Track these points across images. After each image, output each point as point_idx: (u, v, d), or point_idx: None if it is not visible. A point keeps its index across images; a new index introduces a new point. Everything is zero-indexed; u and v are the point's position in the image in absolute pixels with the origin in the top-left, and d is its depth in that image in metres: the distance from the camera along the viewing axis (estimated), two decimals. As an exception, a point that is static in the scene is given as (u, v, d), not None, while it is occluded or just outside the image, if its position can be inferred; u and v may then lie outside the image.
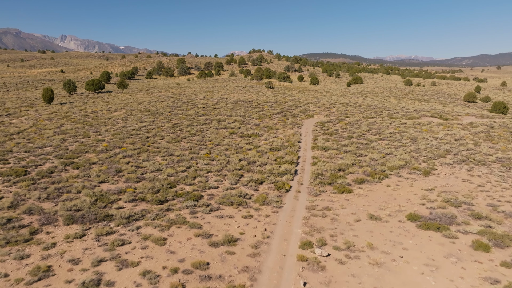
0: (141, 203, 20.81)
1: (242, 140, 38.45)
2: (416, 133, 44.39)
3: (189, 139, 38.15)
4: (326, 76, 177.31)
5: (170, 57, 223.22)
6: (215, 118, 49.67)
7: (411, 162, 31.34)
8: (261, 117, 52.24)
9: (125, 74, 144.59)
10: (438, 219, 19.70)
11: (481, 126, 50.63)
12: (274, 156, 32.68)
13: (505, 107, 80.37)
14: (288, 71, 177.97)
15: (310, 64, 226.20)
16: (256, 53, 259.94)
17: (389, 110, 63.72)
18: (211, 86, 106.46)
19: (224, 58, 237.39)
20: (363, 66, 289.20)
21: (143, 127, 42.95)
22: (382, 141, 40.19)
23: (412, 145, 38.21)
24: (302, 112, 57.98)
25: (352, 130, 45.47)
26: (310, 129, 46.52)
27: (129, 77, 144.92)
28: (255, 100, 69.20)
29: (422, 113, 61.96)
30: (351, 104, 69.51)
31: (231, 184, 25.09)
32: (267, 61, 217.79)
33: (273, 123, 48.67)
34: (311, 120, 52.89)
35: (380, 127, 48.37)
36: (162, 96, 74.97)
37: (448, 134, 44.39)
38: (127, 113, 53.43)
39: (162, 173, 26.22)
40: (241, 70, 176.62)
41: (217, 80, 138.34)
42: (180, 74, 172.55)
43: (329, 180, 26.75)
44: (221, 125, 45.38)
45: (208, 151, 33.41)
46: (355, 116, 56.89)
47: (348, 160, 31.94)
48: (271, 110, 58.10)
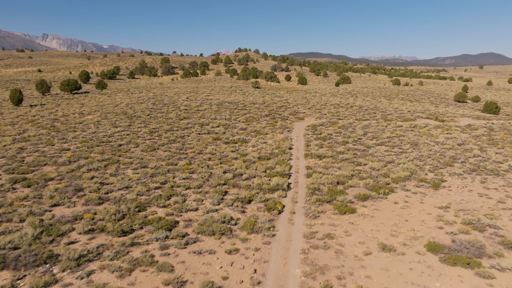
0: (100, 235, 16.66)
1: (227, 147, 34.48)
2: (415, 137, 41.21)
3: (167, 146, 33.95)
4: (314, 75, 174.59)
5: (153, 56, 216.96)
6: (198, 122, 45.51)
7: (417, 173, 27.94)
8: (248, 120, 48.33)
9: (105, 74, 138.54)
10: (465, 249, 16.19)
11: (481, 128, 47.95)
12: (263, 166, 28.82)
13: (496, 107, 78.59)
14: (275, 71, 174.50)
15: (297, 64, 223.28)
16: (242, 52, 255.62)
17: (382, 112, 60.69)
18: (196, 86, 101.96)
19: (210, 58, 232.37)
20: (350, 65, 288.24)
21: (116, 133, 38.49)
22: (381, 147, 36.82)
23: (414, 151, 34.93)
24: (292, 114, 54.32)
25: (347, 134, 42.00)
26: (301, 134, 42.85)
27: (110, 77, 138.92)
28: (241, 101, 65.24)
29: (417, 114, 59.14)
30: (342, 105, 66.25)
31: (214, 204, 21.11)
32: (254, 61, 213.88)
33: (261, 127, 44.83)
34: (301, 123, 49.25)
35: (376, 130, 45.08)
36: (142, 97, 70.29)
37: (449, 138, 41.40)
38: (102, 116, 48.75)
39: (131, 192, 22.03)
40: (227, 69, 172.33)
41: (202, 80, 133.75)
42: (164, 74, 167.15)
43: (328, 196, 23.05)
44: (204, 130, 41.29)
45: (188, 162, 29.31)
46: (348, 118, 53.54)
47: (347, 170, 28.33)
48: (258, 112, 54.27)
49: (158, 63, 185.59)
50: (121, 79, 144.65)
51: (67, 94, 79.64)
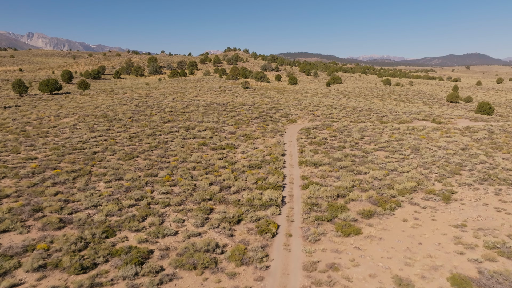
0: (52, 273, 13.49)
1: (214, 154, 31.41)
2: (415, 141, 38.78)
3: (147, 154, 30.71)
4: (304, 75, 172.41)
5: (141, 56, 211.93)
6: (183, 125, 42.28)
7: (423, 183, 25.33)
8: (238, 123, 45.31)
9: (90, 73, 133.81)
10: (497, 285, 13.51)
11: (481, 131, 45.87)
12: (254, 177, 25.85)
13: (490, 108, 77.14)
14: (265, 71, 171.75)
15: (287, 63, 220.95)
16: (232, 51, 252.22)
17: (377, 113, 58.33)
18: (183, 86, 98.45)
19: (199, 57, 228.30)
20: (340, 65, 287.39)
21: (92, 139, 35.06)
22: (380, 152, 34.22)
23: (416, 157, 32.42)
24: (284, 117, 51.48)
25: (343, 138, 39.33)
26: (294, 138, 40.03)
27: (95, 77, 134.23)
28: (230, 103, 62.16)
29: (413, 116, 56.95)
30: (335, 106, 63.72)
31: (197, 226, 18.07)
32: (243, 60, 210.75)
33: (251, 131, 41.86)
34: (294, 126, 46.44)
35: (373, 134, 42.55)
36: (126, 98, 66.62)
37: (450, 142, 39.08)
38: (79, 119, 45.15)
39: (100, 211, 18.83)
40: (216, 69, 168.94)
41: (190, 80, 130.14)
42: (151, 74, 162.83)
43: (328, 213, 20.23)
44: (189, 134, 38.11)
45: (170, 172, 26.16)
46: (342, 120, 50.96)
47: (346, 181, 25.57)
48: (248, 115, 51.28)
49: (145, 63, 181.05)
50: (106, 79, 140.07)
51: (47, 94, 75.42)
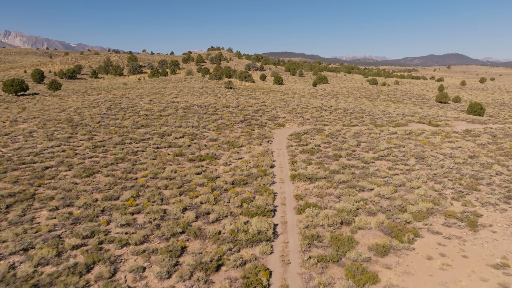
0: None
1: (192, 168, 26.70)
2: (417, 148, 35.01)
3: (111, 168, 25.74)
4: (289, 75, 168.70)
5: (120, 55, 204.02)
6: (158, 132, 37.33)
7: (440, 202, 21.33)
8: (220, 128, 40.66)
9: (64, 73, 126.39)
10: None
11: (482, 135, 42.63)
12: (238, 197, 21.32)
13: (481, 108, 75.02)
14: (249, 70, 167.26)
15: (272, 63, 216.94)
16: (215, 50, 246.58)
17: (370, 115, 54.65)
18: (163, 86, 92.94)
19: (181, 56, 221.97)
20: (325, 65, 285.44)
21: (48, 149, 29.80)
22: (381, 162, 30.20)
23: (423, 167, 28.53)
24: (271, 120, 47.08)
25: (338, 145, 35.21)
26: (283, 145, 35.68)
27: (70, 77, 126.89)
28: (212, 104, 57.38)
29: (407, 118, 53.51)
30: (325, 108, 59.76)
31: (161, 277, 13.42)
32: (227, 59, 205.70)
33: (235, 137, 37.28)
34: (282, 131, 42.10)
35: (370, 139, 38.63)
36: (99, 100, 60.96)
37: (454, 148, 35.51)
38: (39, 125, 39.60)
39: (30, 259, 13.95)
40: (198, 68, 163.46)
41: (172, 79, 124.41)
42: (130, 73, 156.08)
43: (333, 250, 15.91)
44: (164, 142, 33.24)
45: (136, 193, 21.35)
46: (334, 124, 46.94)
47: (349, 201, 21.34)
48: (232, 118, 46.66)
49: (125, 62, 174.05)
50: (82, 78, 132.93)
51: (11, 96, 68.88)
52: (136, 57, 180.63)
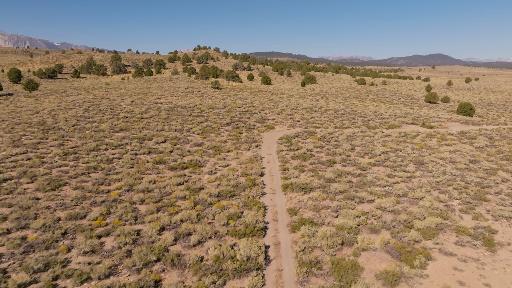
0: None
1: (173, 177, 24.03)
2: (414, 152, 33.05)
3: (82, 179, 22.86)
4: (277, 75, 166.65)
5: (104, 54, 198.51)
6: (138, 136, 34.43)
7: (449, 216, 19.22)
8: (205, 132, 38.01)
9: (44, 72, 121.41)
10: None
11: (478, 137, 41.09)
12: (224, 213, 18.80)
13: (471, 109, 74.38)
14: (236, 70, 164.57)
15: (259, 62, 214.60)
16: (202, 50, 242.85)
17: (362, 117, 52.77)
18: (147, 86, 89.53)
19: (167, 56, 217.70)
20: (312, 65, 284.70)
21: (11, 157, 26.65)
22: (379, 169, 28.08)
23: (424, 174, 26.51)
24: (259, 122, 44.63)
25: (331, 150, 33.00)
26: (273, 149, 33.27)
27: (50, 76, 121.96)
28: (198, 106, 54.61)
29: (400, 119, 51.81)
30: (315, 109, 57.64)
31: (127, 325, 10.81)
32: (214, 59, 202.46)
33: (221, 141, 34.70)
34: (272, 134, 39.71)
35: (364, 142, 36.57)
36: (77, 101, 57.49)
37: (452, 152, 33.73)
38: (6, 129, 36.22)
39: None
40: (184, 68, 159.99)
41: (156, 79, 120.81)
42: (114, 73, 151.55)
43: (336, 281, 13.53)
44: (144, 148, 30.42)
45: (106, 210, 18.59)
46: (325, 126, 44.79)
47: (349, 216, 19.03)
48: (218, 120, 44.03)
49: (109, 61, 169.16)
50: (63, 78, 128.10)
51: (-18, 97, 64.70)
52: (120, 57, 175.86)
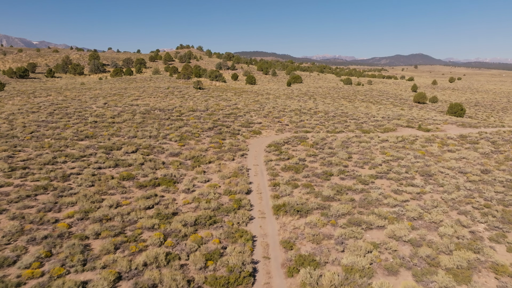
0: None
1: (141, 198, 19.81)
2: (418, 161, 29.66)
3: (24, 205, 18.32)
4: (262, 74, 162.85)
5: (81, 52, 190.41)
6: (105, 145, 29.91)
7: (478, 248, 15.69)
8: (184, 138, 33.77)
9: (14, 71, 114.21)
10: None
11: (480, 141, 38.25)
12: (202, 251, 14.74)
13: (461, 109, 72.51)
14: (220, 69, 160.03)
15: (243, 62, 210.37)
16: (185, 49, 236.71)
17: (354, 119, 49.43)
18: (125, 87, 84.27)
19: (148, 54, 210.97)
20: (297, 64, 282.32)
21: None
22: (383, 182, 24.51)
23: (435, 188, 23.07)
24: (245, 126, 40.64)
25: (326, 159, 29.30)
26: (261, 159, 29.34)
27: (21, 76, 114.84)
28: (177, 108, 50.19)
29: (394, 122, 48.71)
30: (304, 111, 54.02)
31: None
32: (197, 58, 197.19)
33: (201, 150, 30.54)
34: (259, 140, 35.77)
35: (361, 149, 33.06)
36: (44, 103, 52.18)
37: (458, 159, 30.55)
38: (-49, 137, 31.09)
39: None
40: (166, 67, 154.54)
41: (136, 79, 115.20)
42: (92, 72, 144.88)
43: None
44: (110, 160, 25.98)
45: (47, 251, 14.24)
46: (316, 130, 41.14)
47: (358, 251, 15.23)
48: (199, 125, 39.80)
49: (87, 60, 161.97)
50: (36, 78, 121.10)
51: None
52: (99, 55, 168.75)
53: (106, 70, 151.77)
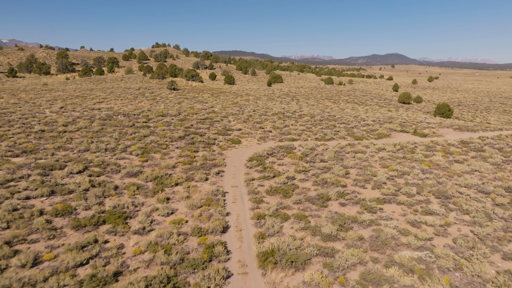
0: None
1: (74, 248, 14.11)
2: (427, 176, 25.04)
3: None
4: (241, 74, 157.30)
5: (49, 51, 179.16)
6: (44, 163, 23.77)
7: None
8: (148, 151, 27.99)
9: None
10: None
11: (484, 147, 34.30)
12: None
13: (449, 110, 69.65)
14: (197, 68, 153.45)
15: (222, 61, 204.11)
16: (161, 47, 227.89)
17: (343, 123, 44.80)
18: (92, 88, 76.97)
19: (122, 53, 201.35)
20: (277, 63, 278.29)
21: None
22: (393, 208, 19.64)
23: (460, 217, 18.37)
24: (222, 134, 35.18)
25: (319, 176, 24.26)
26: (241, 178, 23.98)
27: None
28: (145, 112, 44.13)
29: (386, 125, 44.39)
30: (288, 114, 48.98)
31: None
32: (173, 57, 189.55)
33: (168, 166, 24.88)
34: (238, 152, 30.39)
35: (358, 162, 28.23)
36: (-12, 107, 44.96)
37: (470, 173, 26.20)
38: None
39: None
40: (140, 67, 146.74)
41: (106, 79, 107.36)
42: (59, 72, 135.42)
43: None
44: (44, 186, 19.98)
45: None
46: (303, 137, 36.14)
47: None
48: (168, 132, 34.06)
49: (54, 59, 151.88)
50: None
51: None
52: (67, 54, 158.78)
53: (76, 69, 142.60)
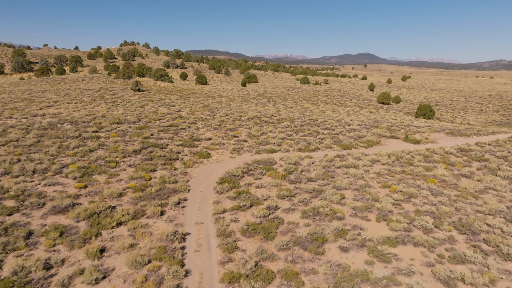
0: None
1: None
2: (441, 200, 20.44)
3: None
4: (214, 73, 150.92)
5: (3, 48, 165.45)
6: None
7: None
8: (90, 171, 21.88)
9: None
10: None
11: (487, 156, 30.41)
12: None
13: (431, 111, 66.94)
14: (168, 68, 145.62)
15: (194, 60, 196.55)
16: (129, 46, 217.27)
17: (327, 129, 40.04)
18: (45, 89, 68.72)
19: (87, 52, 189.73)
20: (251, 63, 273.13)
21: None
22: (411, 254, 14.75)
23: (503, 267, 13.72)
24: (188, 146, 29.41)
25: (308, 204, 19.10)
26: (208, 209, 18.42)
27: None
28: (99, 118, 37.60)
29: (374, 131, 40.05)
30: (265, 118, 43.70)
31: None
32: (142, 56, 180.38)
33: (112, 195, 18.95)
34: (207, 169, 24.75)
35: (352, 181, 23.32)
36: None
37: (485, 191, 21.90)
38: None
39: None
40: (106, 66, 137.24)
41: (66, 79, 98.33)
42: (15, 71, 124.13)
43: None
44: None
45: None
46: (284, 147, 30.90)
47: None
48: (121, 145, 27.93)
49: (10, 57, 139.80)
50: None
51: None
52: (25, 52, 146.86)
53: (34, 68, 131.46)
